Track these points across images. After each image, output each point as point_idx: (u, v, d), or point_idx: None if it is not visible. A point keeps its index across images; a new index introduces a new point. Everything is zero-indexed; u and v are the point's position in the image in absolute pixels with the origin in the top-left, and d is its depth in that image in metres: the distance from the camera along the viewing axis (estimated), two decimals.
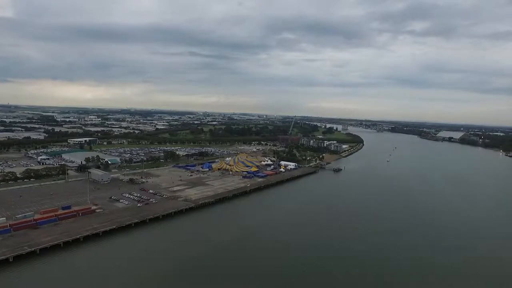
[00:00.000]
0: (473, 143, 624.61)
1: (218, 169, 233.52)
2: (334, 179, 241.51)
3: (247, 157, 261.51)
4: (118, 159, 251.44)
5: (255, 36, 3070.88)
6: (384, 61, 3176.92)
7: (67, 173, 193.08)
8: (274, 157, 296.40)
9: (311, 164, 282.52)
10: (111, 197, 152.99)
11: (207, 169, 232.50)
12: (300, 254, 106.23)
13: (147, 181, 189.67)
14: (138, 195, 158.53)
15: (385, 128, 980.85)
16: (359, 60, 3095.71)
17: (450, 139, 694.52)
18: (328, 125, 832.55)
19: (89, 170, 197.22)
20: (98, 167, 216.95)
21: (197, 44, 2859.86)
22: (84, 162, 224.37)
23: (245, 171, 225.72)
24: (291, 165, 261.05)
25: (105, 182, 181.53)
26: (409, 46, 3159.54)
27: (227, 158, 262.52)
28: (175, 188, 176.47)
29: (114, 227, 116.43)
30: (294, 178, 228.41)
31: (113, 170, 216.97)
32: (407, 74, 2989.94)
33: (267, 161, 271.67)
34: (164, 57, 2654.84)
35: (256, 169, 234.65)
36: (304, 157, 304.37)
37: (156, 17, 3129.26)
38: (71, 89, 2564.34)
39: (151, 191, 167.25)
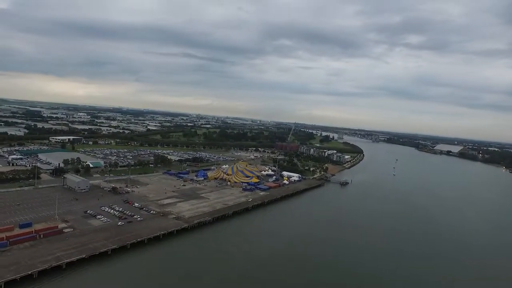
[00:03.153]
0: (473, 158, 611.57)
1: (215, 178, 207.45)
2: (343, 194, 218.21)
3: (246, 165, 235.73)
4: (101, 162, 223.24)
5: (252, 41, 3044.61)
6: (378, 72, 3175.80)
7: (39, 177, 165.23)
8: (274, 166, 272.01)
9: (315, 176, 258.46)
10: (86, 212, 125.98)
11: (202, 178, 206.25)
12: None
13: (132, 191, 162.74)
14: (121, 209, 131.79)
15: (381, 138, 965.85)
16: (354, 69, 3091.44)
17: (448, 153, 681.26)
18: (323, 133, 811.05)
19: (64, 175, 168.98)
20: (78, 171, 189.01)
21: (192, 46, 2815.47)
22: (62, 165, 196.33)
23: (245, 182, 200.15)
24: (295, 176, 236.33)
25: (83, 191, 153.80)
26: (404, 58, 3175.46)
27: (224, 166, 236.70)
28: (166, 201, 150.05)
29: (83, 256, 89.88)
30: (299, 192, 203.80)
31: (94, 175, 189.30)
32: (399, 86, 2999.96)
33: (268, 171, 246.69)
34: (158, 57, 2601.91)
35: (257, 180, 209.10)
36: (307, 168, 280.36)
37: (153, 16, 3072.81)
38: (62, 85, 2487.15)
39: (136, 204, 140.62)
